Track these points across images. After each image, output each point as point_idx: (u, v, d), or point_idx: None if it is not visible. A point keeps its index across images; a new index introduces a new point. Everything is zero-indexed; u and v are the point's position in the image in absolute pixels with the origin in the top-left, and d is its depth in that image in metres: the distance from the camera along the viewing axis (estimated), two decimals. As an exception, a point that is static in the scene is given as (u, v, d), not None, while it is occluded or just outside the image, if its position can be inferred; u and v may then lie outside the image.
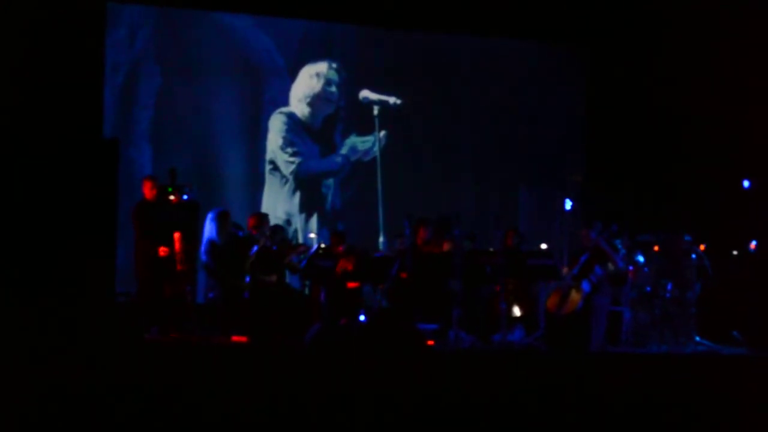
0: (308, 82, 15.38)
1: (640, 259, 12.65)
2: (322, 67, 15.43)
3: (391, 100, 15.55)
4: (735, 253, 13.39)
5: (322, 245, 12.76)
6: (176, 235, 11.73)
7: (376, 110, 15.49)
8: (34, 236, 9.22)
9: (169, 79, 14.69)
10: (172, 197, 11.63)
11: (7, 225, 9.20)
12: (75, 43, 13.13)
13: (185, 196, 11.72)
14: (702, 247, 12.75)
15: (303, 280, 12.84)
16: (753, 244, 13.19)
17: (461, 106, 15.90)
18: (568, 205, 13.23)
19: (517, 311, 12.66)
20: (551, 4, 15.31)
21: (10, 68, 12.42)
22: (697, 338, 12.34)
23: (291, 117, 15.26)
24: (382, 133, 15.53)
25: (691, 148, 14.63)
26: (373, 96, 15.51)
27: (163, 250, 11.66)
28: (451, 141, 15.91)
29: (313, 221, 15.24)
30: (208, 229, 12.18)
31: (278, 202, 15.16)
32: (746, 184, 13.84)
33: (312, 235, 14.05)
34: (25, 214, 9.20)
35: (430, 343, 11.33)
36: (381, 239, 15.11)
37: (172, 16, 14.81)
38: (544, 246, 13.60)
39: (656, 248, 12.67)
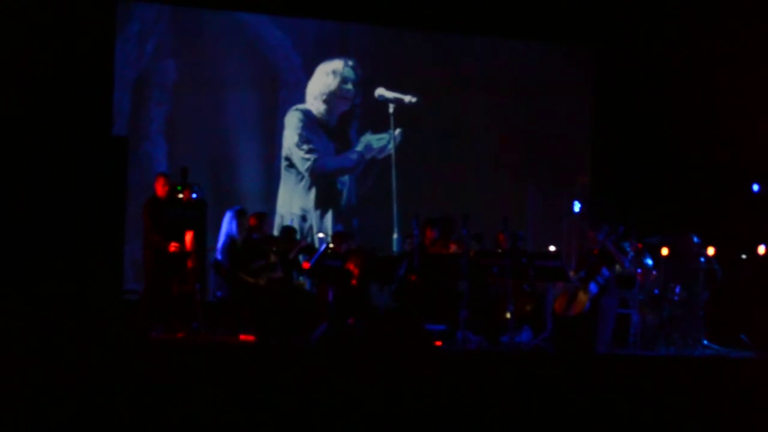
0: (324, 79, 15.40)
1: (649, 262, 12.64)
2: (338, 64, 15.45)
3: (407, 98, 15.54)
4: (744, 256, 13.36)
5: (331, 245, 12.79)
6: (189, 234, 11.80)
7: (391, 108, 15.49)
8: (43, 232, 9.28)
9: (184, 76, 14.73)
10: (181, 195, 11.72)
11: (17, 221, 9.26)
12: (84, 40, 13.18)
13: (194, 195, 11.82)
14: (712, 250, 12.71)
15: (312, 280, 12.88)
16: (762, 248, 13.15)
17: (472, 106, 15.86)
18: (577, 207, 13.23)
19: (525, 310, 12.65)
20: (559, 5, 15.25)
21: (20, 66, 12.50)
22: (705, 341, 12.32)
23: (307, 114, 15.28)
24: (397, 131, 15.52)
25: (699, 151, 14.56)
26: (389, 94, 15.51)
27: (173, 245, 11.73)
28: (464, 140, 15.88)
29: (329, 218, 15.27)
30: (229, 226, 12.22)
31: (294, 199, 15.20)
32: (756, 187, 13.79)
33: (321, 235, 14.08)
34: (34, 210, 9.27)
35: (438, 343, 11.35)
36: (395, 236, 15.12)
37: (186, 13, 14.84)
38: (552, 248, 13.58)
39: (664, 251, 12.66)
